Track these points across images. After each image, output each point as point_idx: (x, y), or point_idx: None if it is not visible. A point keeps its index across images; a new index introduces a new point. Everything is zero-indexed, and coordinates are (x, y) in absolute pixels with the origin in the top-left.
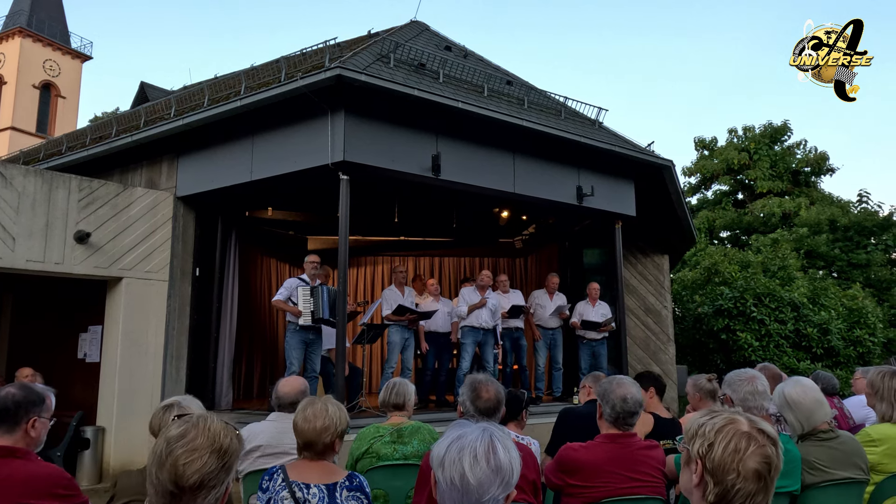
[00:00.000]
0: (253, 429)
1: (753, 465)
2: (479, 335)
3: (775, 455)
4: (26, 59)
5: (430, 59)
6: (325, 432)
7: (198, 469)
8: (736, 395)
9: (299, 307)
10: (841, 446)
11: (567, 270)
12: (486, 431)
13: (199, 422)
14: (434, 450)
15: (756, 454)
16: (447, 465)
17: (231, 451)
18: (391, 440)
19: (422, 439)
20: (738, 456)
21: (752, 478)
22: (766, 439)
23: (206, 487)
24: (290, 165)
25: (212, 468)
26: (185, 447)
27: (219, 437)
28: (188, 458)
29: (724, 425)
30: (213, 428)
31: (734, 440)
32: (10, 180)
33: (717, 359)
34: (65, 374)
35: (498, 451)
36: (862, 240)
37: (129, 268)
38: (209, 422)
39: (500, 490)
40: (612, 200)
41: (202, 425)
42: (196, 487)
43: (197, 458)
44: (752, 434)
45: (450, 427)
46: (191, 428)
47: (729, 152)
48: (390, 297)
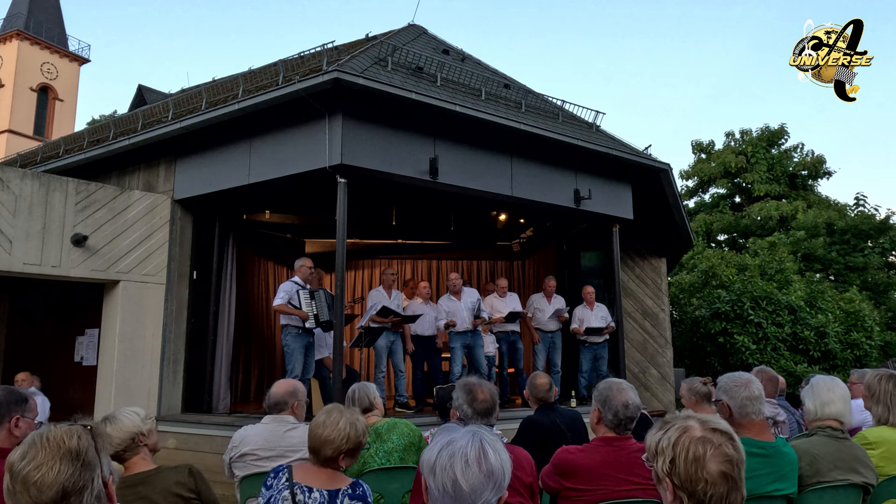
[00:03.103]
0: (246, 432)
1: (717, 468)
2: (466, 338)
3: (735, 450)
4: (24, 62)
5: (427, 63)
6: (329, 445)
7: (53, 480)
8: (734, 402)
9: (303, 310)
10: (847, 449)
11: (564, 273)
12: (476, 436)
13: (36, 438)
14: (424, 456)
15: (716, 457)
16: (438, 471)
17: (82, 448)
18: (371, 440)
19: (400, 433)
20: (700, 464)
21: (719, 480)
22: (721, 437)
23: (73, 493)
24: (288, 168)
25: (68, 473)
26: (30, 465)
27: (62, 443)
28: (37, 475)
29: (678, 437)
30: (53, 437)
31: (691, 449)
32: (8, 183)
33: (715, 362)
34: (62, 378)
35: (489, 455)
36: (859, 243)
37: (126, 271)
38: (47, 432)
39: (493, 494)
40: (609, 204)
41: (40, 440)
42: (61, 499)
43: (47, 471)
44: (706, 438)
45: (438, 432)
46: (29, 448)
47: (726, 155)
48: (376, 297)
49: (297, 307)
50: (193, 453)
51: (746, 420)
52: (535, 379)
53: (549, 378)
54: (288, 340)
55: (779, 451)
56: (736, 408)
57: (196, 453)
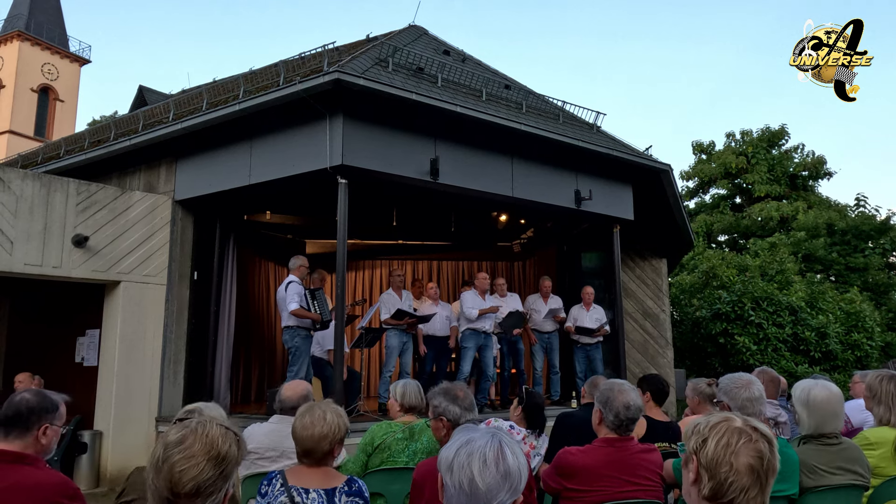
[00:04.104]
0: (252, 431)
1: (746, 459)
2: (480, 339)
3: (769, 451)
4: (25, 63)
5: (428, 64)
6: (324, 440)
7: (194, 476)
8: (734, 403)
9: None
10: (843, 452)
11: (565, 274)
12: (496, 437)
13: (198, 427)
14: (442, 453)
15: (748, 448)
16: (456, 469)
17: (229, 457)
18: (404, 437)
19: (430, 437)
20: (731, 450)
21: (745, 471)
22: (759, 436)
23: (202, 495)
24: (289, 169)
25: (208, 475)
26: (182, 454)
27: (216, 443)
28: (184, 465)
29: (718, 422)
30: (212, 434)
31: (727, 435)
32: (9, 184)
33: (716, 363)
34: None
35: (507, 457)
36: (859, 243)
37: (126, 271)
38: (207, 427)
39: (508, 496)
40: (609, 204)
41: (200, 431)
42: (192, 494)
43: (193, 466)
44: (744, 430)
45: (456, 431)
46: (189, 434)
47: (727, 156)
48: (388, 301)
49: (307, 308)
50: None
51: None
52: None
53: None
54: (297, 342)
55: (780, 451)
56: (736, 408)
57: None
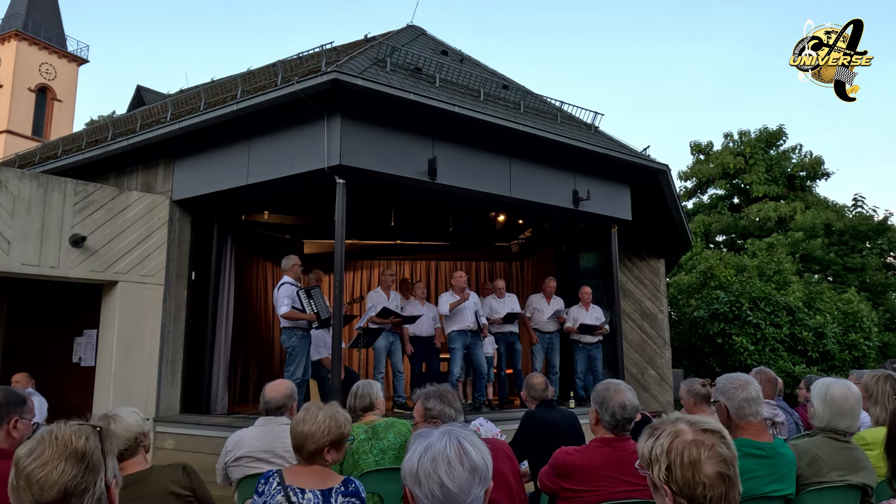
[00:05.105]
0: (240, 435)
1: (713, 470)
2: (466, 338)
3: (728, 449)
4: (22, 63)
5: (426, 64)
6: (309, 439)
7: (55, 480)
8: (731, 404)
9: (308, 312)
10: (848, 451)
11: (563, 274)
12: (452, 434)
13: (46, 434)
14: (405, 466)
15: (711, 458)
16: (423, 478)
17: (89, 451)
18: (367, 437)
19: (397, 432)
20: (697, 467)
21: (717, 481)
22: (713, 437)
23: (73, 495)
24: (287, 169)
25: (72, 475)
26: (35, 462)
27: (69, 442)
28: (41, 473)
29: (670, 443)
30: (62, 435)
31: (686, 453)
32: (6, 184)
33: (713, 363)
34: (60, 379)
35: (469, 452)
36: (857, 244)
37: (124, 271)
38: (55, 431)
39: (480, 488)
40: (607, 204)
41: (48, 437)
42: (61, 499)
43: (51, 470)
44: (698, 440)
45: (412, 439)
46: (38, 444)
47: (725, 156)
48: (375, 298)
49: (300, 309)
50: (191, 454)
51: (744, 421)
52: (530, 379)
53: (544, 377)
54: (294, 342)
55: (777, 452)
56: (733, 409)
57: (194, 454)
